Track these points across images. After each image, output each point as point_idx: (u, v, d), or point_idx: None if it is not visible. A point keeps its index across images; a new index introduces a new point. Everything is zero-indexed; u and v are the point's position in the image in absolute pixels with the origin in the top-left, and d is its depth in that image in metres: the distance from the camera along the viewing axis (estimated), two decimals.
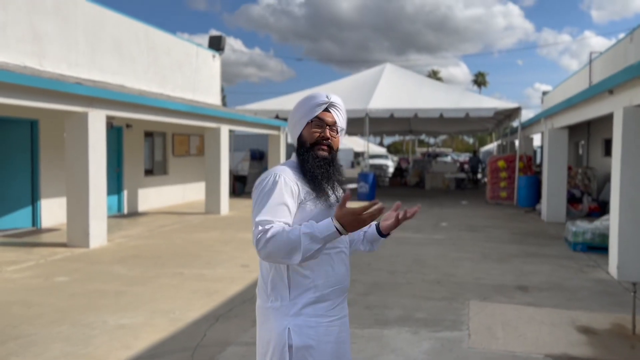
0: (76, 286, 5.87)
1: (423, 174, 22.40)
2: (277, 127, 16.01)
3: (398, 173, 24.68)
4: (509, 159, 15.67)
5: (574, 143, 18.29)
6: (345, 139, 38.60)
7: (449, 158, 35.36)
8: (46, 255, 7.50)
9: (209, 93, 15.93)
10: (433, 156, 33.29)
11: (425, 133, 32.22)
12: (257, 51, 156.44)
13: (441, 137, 55.81)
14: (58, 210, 10.20)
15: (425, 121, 21.95)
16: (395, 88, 17.88)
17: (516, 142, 17.37)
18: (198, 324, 4.68)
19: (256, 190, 1.88)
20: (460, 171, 24.09)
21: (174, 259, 7.38)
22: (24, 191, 9.73)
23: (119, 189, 12.31)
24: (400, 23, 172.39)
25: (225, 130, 12.66)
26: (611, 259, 6.78)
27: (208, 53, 15.95)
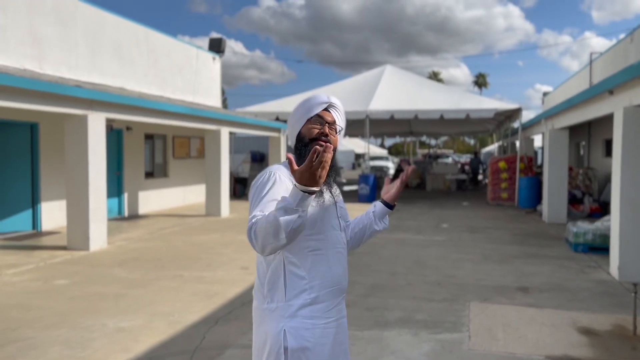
0: (76, 289, 5.86)
1: (424, 175, 22.39)
2: (278, 129, 16.01)
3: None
4: (510, 160, 15.67)
5: (575, 144, 18.27)
6: (346, 141, 38.62)
7: (450, 159, 35.31)
8: (46, 258, 7.50)
9: (209, 95, 15.94)
10: (434, 157, 33.25)
11: (426, 134, 32.27)
12: (258, 53, 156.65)
13: (442, 139, 55.95)
14: (58, 213, 10.20)
15: (425, 122, 21.95)
16: (395, 89, 17.89)
17: (517, 143, 17.34)
18: (197, 327, 4.67)
19: (252, 188, 1.89)
20: (461, 172, 24.06)
21: (174, 262, 7.37)
22: (24, 194, 9.73)
23: (120, 192, 12.31)
24: (400, 24, 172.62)
25: (225, 132, 12.66)
26: (612, 260, 6.77)
27: (208, 55, 15.98)
